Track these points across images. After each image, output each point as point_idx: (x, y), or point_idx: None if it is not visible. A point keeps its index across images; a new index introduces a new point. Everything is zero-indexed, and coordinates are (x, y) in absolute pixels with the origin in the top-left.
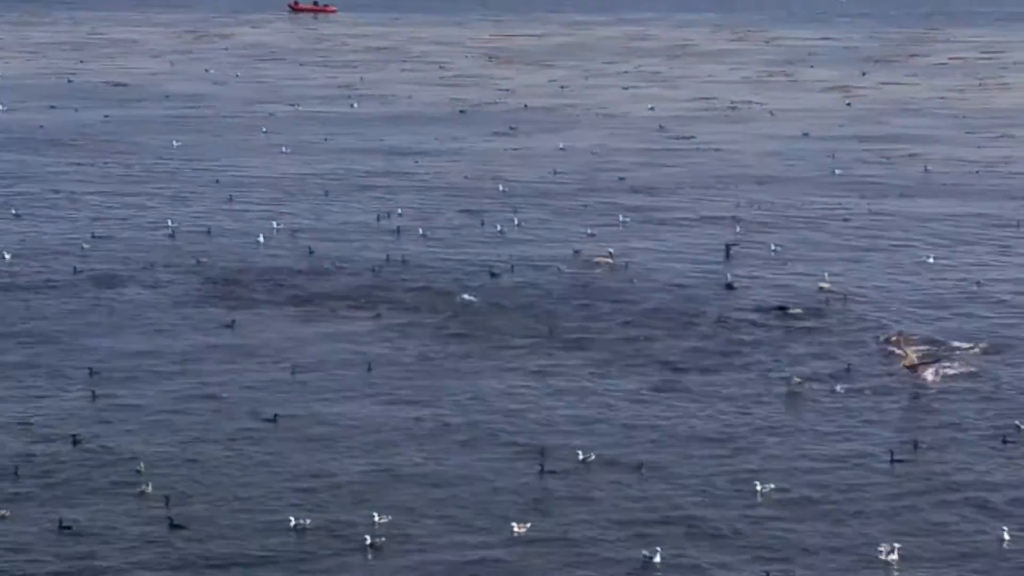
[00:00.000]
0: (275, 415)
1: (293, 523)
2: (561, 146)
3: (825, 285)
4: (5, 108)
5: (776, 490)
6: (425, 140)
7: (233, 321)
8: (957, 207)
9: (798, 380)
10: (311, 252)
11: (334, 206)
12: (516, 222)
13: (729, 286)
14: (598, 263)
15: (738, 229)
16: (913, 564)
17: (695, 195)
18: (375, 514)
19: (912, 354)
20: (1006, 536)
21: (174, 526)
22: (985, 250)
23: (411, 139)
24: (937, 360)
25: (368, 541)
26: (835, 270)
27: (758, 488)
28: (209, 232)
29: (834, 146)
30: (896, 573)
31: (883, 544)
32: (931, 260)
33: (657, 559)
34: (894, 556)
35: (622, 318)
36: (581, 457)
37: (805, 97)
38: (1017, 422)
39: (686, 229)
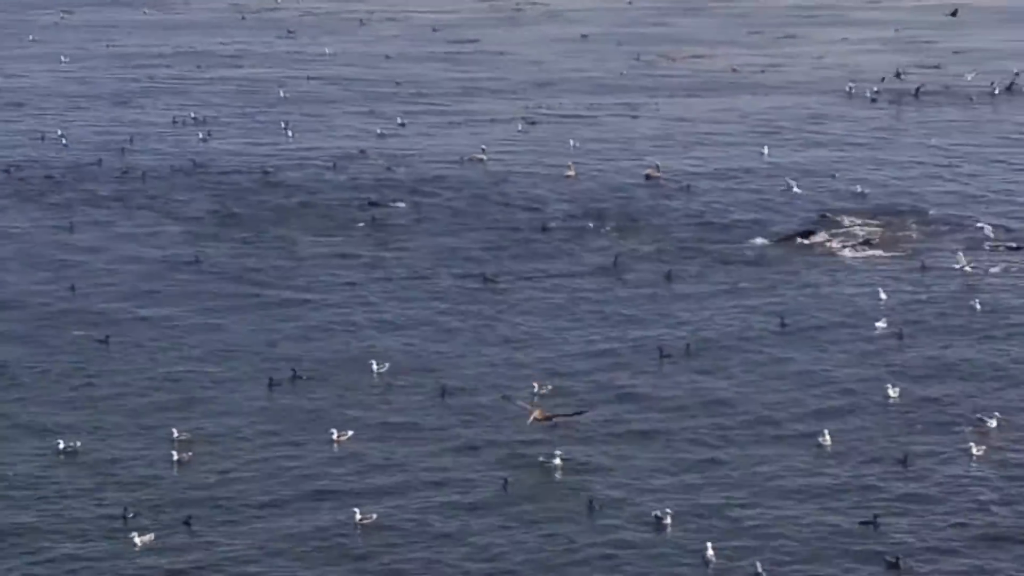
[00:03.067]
0: (106, 335)
1: (63, 446)
2: (328, 51)
3: (652, 171)
4: None
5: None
6: (208, 46)
7: (71, 224)
8: (748, 105)
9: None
10: (122, 153)
11: (127, 112)
12: (285, 125)
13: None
14: (472, 160)
15: (520, 128)
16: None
17: (480, 98)
18: (174, 430)
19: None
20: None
21: None
22: (773, 141)
23: (194, 45)
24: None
25: (175, 457)
26: (652, 160)
27: (533, 388)
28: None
29: (617, 48)
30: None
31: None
32: (765, 152)
33: (557, 461)
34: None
35: (426, 220)
36: (377, 368)
37: None
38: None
39: (469, 128)
